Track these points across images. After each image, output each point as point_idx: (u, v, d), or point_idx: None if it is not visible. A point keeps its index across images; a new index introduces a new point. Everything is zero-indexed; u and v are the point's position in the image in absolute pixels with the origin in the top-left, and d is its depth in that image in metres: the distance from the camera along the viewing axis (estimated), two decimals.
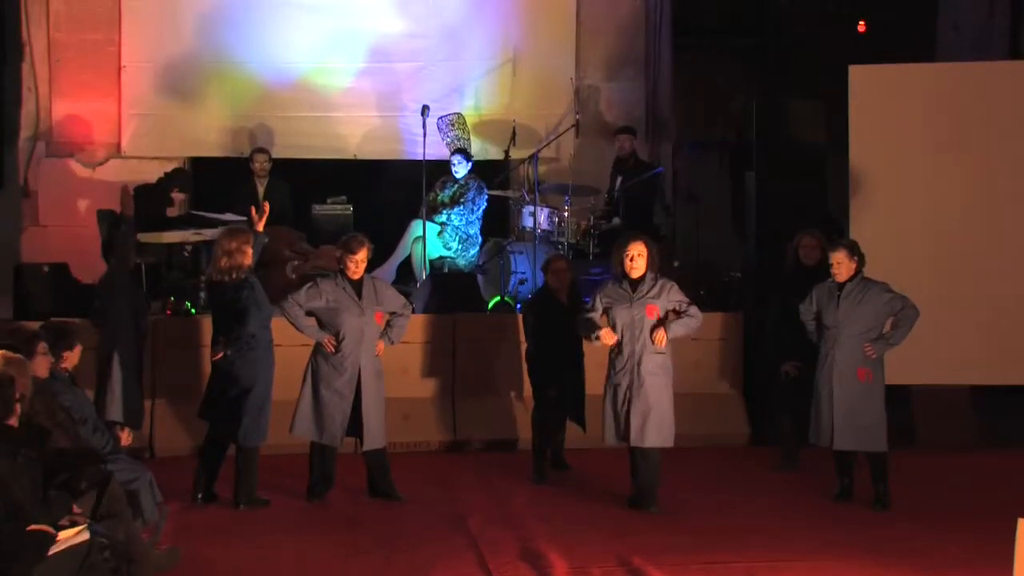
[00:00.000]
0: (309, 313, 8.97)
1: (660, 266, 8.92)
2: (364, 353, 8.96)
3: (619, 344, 8.82)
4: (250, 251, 8.90)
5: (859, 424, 8.99)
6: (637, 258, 8.84)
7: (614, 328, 8.83)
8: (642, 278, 8.83)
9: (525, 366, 10.02)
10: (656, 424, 8.78)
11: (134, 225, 11.40)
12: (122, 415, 9.29)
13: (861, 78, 11.20)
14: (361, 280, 8.99)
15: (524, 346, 10.06)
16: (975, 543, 7.99)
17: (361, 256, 8.95)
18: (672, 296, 8.84)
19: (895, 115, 11.15)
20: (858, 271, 9.08)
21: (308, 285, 9.04)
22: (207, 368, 9.26)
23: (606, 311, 8.90)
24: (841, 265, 9.05)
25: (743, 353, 11.35)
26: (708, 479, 9.70)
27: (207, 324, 9.88)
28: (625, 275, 8.86)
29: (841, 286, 9.07)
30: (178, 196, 10.46)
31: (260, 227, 9.15)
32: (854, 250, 9.10)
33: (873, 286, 9.08)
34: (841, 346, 9.03)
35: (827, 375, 9.05)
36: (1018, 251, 11.05)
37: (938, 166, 11.09)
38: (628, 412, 8.75)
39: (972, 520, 8.61)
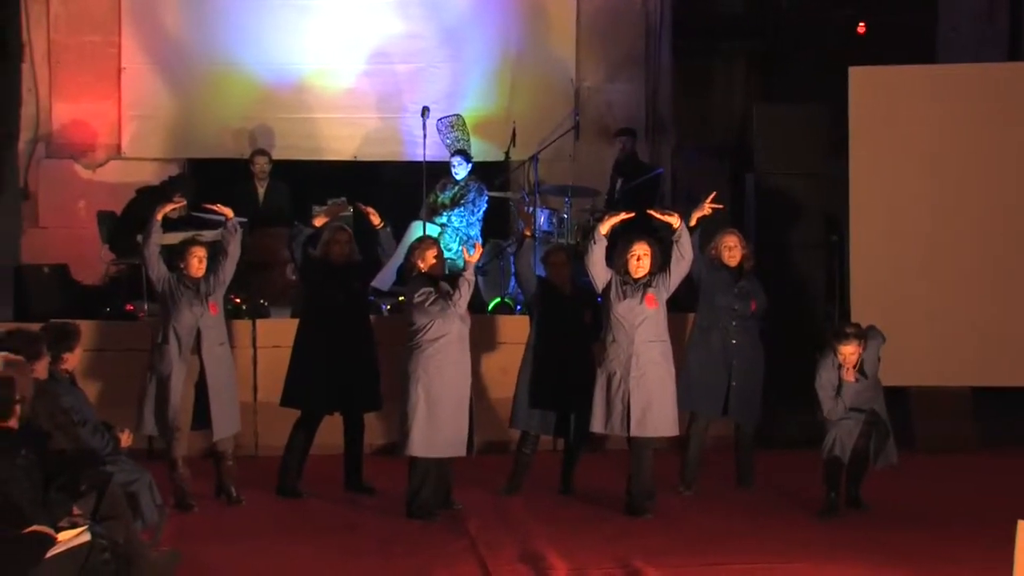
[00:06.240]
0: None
1: (662, 267, 8.93)
2: None
3: (613, 333, 8.84)
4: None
5: None
6: (643, 258, 8.87)
7: (611, 319, 8.84)
8: (645, 276, 8.87)
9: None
10: (658, 414, 8.78)
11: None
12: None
13: (861, 80, 11.20)
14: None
15: (523, 348, 9.98)
16: (974, 545, 7.99)
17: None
18: (664, 280, 8.85)
19: (895, 117, 11.15)
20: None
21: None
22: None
23: (606, 294, 8.89)
24: (854, 355, 8.83)
25: None
26: (706, 480, 9.68)
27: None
28: (628, 274, 8.88)
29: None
30: (180, 200, 10.48)
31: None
32: (862, 337, 8.87)
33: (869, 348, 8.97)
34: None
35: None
36: (1018, 252, 11.05)
37: (938, 168, 11.09)
38: (628, 402, 8.75)
39: (971, 522, 8.62)
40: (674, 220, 8.89)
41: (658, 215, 9.08)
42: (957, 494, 9.57)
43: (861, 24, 14.12)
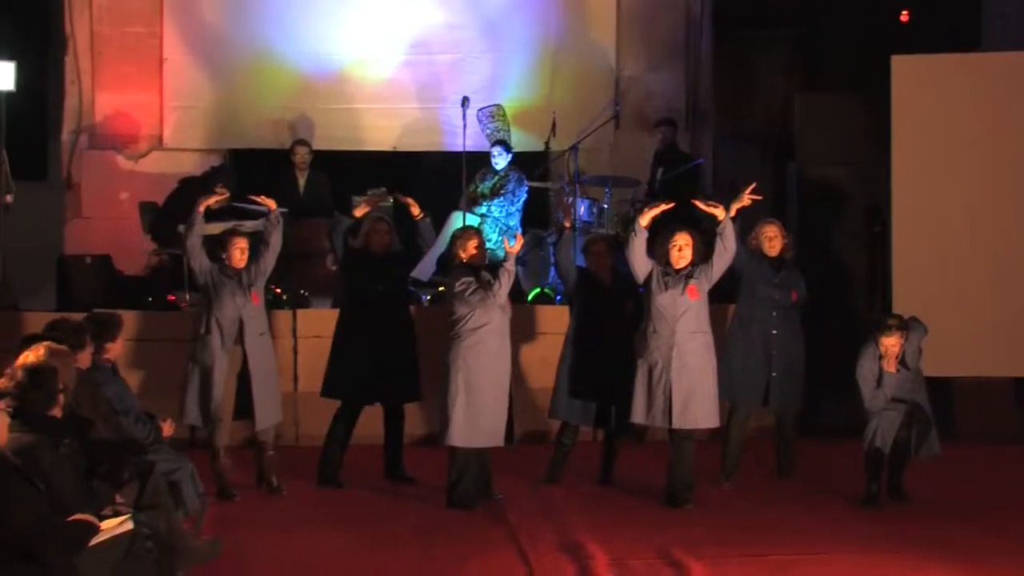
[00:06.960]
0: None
1: (704, 257, 8.89)
2: None
3: (655, 324, 8.81)
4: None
5: None
6: (685, 248, 8.84)
7: (652, 310, 8.81)
8: (687, 267, 8.84)
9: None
10: (699, 405, 8.76)
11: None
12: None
13: (904, 69, 11.12)
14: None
15: (563, 338, 9.97)
16: (1017, 536, 7.95)
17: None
18: (706, 271, 8.82)
19: (938, 106, 11.07)
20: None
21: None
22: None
23: (647, 285, 8.87)
24: (896, 347, 8.80)
25: None
26: (747, 470, 9.65)
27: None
28: (669, 265, 8.85)
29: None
30: (223, 192, 10.55)
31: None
32: (904, 328, 8.86)
33: (910, 339, 8.94)
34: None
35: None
36: None
37: (981, 158, 11.01)
38: (670, 394, 8.72)
39: (1014, 513, 8.58)
40: (719, 212, 8.85)
41: (703, 206, 9.03)
42: (999, 485, 9.51)
43: (904, 12, 14.02)
